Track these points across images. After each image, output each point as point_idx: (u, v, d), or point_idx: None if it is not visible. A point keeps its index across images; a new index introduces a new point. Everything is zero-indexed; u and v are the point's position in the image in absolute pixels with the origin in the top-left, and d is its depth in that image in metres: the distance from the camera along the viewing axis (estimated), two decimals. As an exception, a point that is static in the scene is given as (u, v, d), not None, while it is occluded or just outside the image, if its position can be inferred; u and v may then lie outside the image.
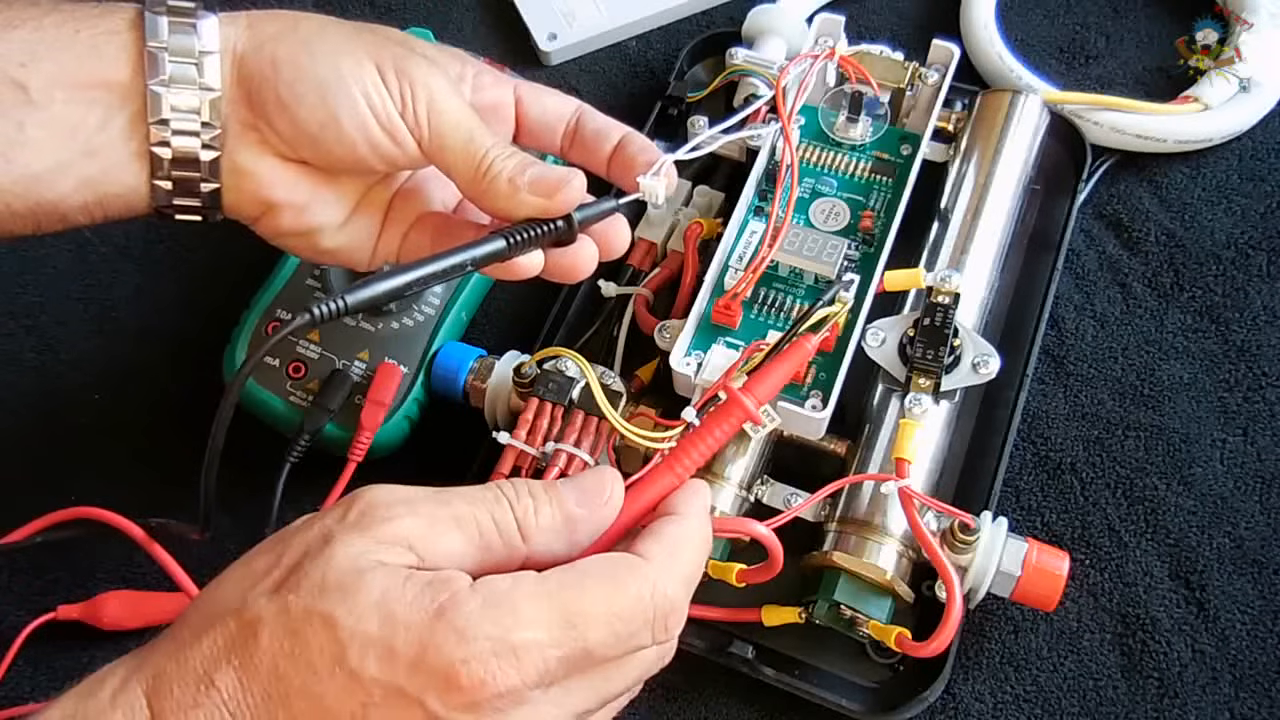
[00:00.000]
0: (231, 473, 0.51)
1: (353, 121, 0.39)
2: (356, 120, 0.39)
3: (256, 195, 0.41)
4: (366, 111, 0.39)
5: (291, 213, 0.42)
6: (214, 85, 0.39)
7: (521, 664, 0.31)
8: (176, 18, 0.39)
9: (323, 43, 0.40)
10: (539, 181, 0.39)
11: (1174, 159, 0.57)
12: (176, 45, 0.38)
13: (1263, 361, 0.52)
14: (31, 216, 0.39)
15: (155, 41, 0.38)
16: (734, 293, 0.47)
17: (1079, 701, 0.46)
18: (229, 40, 0.39)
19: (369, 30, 0.41)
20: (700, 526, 0.37)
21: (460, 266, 0.39)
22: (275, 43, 0.39)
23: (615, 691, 0.35)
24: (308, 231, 0.42)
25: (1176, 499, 0.49)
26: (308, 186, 0.42)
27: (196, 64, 0.39)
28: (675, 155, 0.44)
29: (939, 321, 0.44)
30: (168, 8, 0.39)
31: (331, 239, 0.43)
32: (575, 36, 0.63)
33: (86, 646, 0.48)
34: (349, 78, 0.39)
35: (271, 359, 0.51)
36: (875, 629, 0.43)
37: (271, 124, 0.40)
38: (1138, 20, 0.63)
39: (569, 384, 0.46)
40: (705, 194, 0.54)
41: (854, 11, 0.63)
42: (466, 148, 0.40)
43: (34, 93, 0.37)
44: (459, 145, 0.40)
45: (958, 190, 0.52)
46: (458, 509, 0.34)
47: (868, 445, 0.47)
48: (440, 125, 0.40)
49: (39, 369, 0.56)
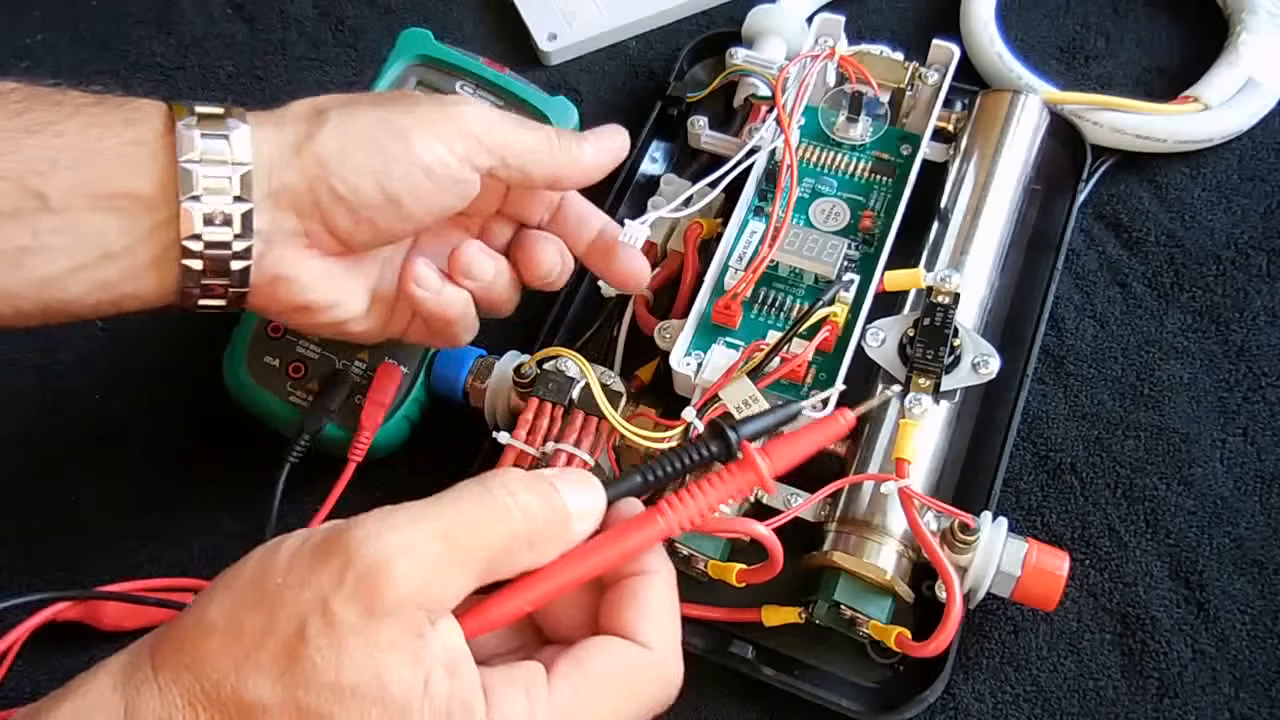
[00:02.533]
0: (232, 473, 0.51)
1: (412, 197, 0.40)
2: (416, 195, 0.40)
3: (293, 299, 0.41)
4: (425, 181, 0.40)
5: (325, 309, 0.42)
6: (248, 197, 0.38)
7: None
8: (208, 130, 0.37)
9: (360, 129, 0.39)
10: (600, 133, 0.45)
11: (1174, 159, 0.57)
12: (209, 159, 0.37)
13: (1263, 361, 0.52)
14: (40, 314, 0.37)
15: (187, 157, 0.37)
16: (734, 293, 0.47)
17: (1079, 701, 0.46)
18: (262, 149, 0.38)
19: (392, 100, 0.42)
20: (671, 575, 0.37)
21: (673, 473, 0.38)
22: (312, 141, 0.39)
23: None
24: (335, 322, 0.43)
25: (1176, 499, 0.49)
26: (343, 281, 0.42)
27: (229, 177, 0.37)
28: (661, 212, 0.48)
29: (939, 321, 0.44)
30: (198, 117, 0.37)
31: (359, 325, 0.44)
32: (575, 36, 0.63)
33: (87, 647, 0.47)
34: (401, 156, 0.39)
35: (271, 359, 0.51)
36: (875, 629, 0.43)
37: (327, 221, 0.39)
38: (1138, 20, 0.63)
39: (569, 384, 0.46)
40: (705, 194, 0.54)
41: (854, 11, 0.63)
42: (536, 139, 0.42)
43: (53, 201, 0.35)
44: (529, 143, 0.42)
45: (958, 190, 0.52)
46: (459, 544, 0.32)
47: (868, 445, 0.47)
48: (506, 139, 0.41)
49: (39, 369, 0.56)
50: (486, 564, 0.33)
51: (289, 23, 0.66)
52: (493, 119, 0.42)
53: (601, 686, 0.34)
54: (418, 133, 0.40)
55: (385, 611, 0.30)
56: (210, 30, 0.66)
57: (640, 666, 0.35)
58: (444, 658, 0.31)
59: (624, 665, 0.34)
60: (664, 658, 0.35)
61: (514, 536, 0.33)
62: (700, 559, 0.44)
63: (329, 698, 0.29)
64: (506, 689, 0.32)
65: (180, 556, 0.50)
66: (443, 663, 0.31)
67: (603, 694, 0.34)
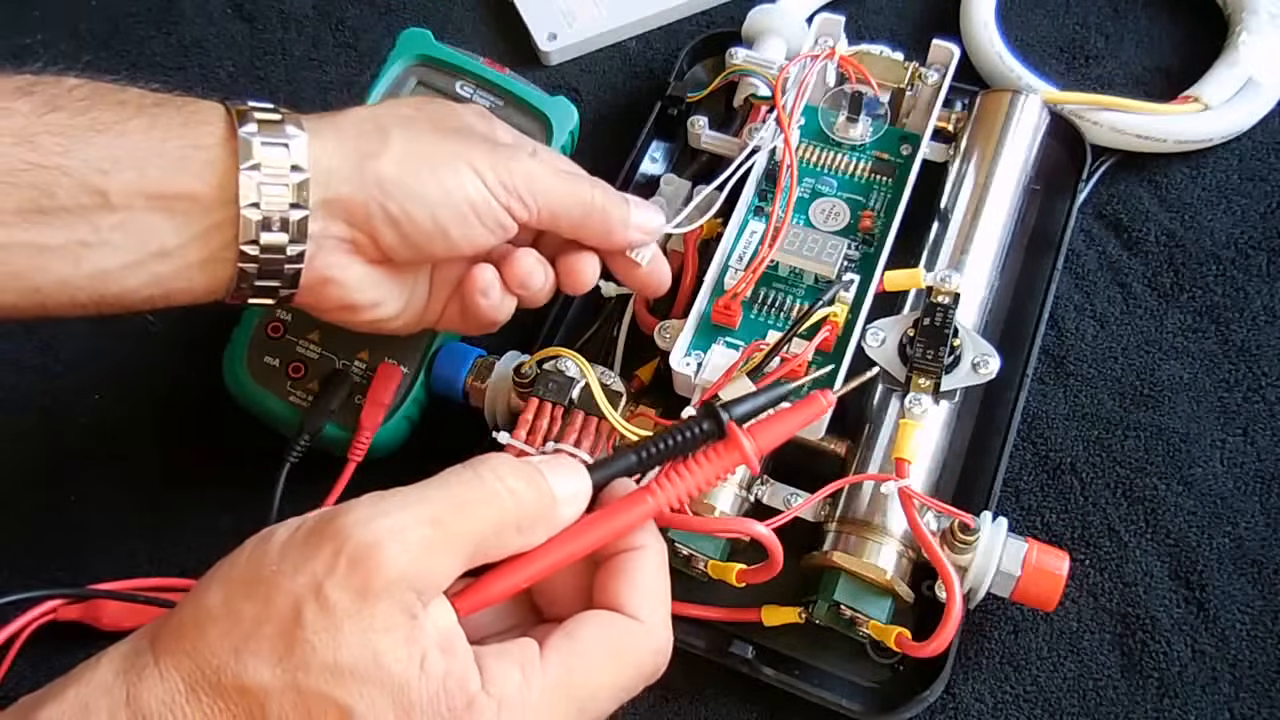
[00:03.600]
0: (232, 473, 0.51)
1: (460, 230, 0.42)
2: (464, 228, 0.42)
3: (339, 300, 0.43)
4: (473, 218, 0.42)
5: (368, 309, 0.44)
6: (305, 204, 0.39)
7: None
8: (268, 136, 0.38)
9: (421, 158, 0.41)
10: (641, 220, 0.46)
11: (1174, 159, 0.57)
12: (269, 167, 0.38)
13: (1263, 361, 0.52)
14: (94, 305, 0.38)
15: (249, 163, 0.38)
16: (734, 293, 0.47)
17: (1079, 701, 0.46)
18: (320, 159, 0.39)
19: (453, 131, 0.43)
20: (661, 549, 0.38)
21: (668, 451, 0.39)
22: (375, 160, 0.40)
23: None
24: (376, 320, 0.44)
25: (1176, 499, 0.49)
26: (386, 284, 0.44)
27: (287, 184, 0.39)
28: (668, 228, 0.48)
29: (939, 321, 0.44)
30: (258, 123, 0.39)
31: (396, 321, 0.45)
32: (575, 36, 0.63)
33: (86, 646, 0.47)
34: (455, 192, 0.41)
35: (271, 359, 0.51)
36: (875, 629, 0.43)
37: (376, 237, 0.41)
38: (1138, 20, 0.63)
39: (569, 384, 0.46)
40: (713, 201, 0.54)
41: (854, 11, 0.63)
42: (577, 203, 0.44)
43: (114, 199, 0.37)
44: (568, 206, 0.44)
45: (958, 190, 0.52)
46: (448, 528, 0.33)
47: (868, 445, 0.47)
48: (549, 199, 0.43)
49: (39, 369, 0.56)
50: (475, 547, 0.33)
51: (289, 23, 0.66)
52: (538, 174, 0.43)
53: (592, 658, 0.35)
54: (469, 173, 0.41)
55: (378, 594, 0.31)
56: (210, 30, 0.66)
57: (630, 638, 0.36)
58: (438, 637, 0.32)
59: (614, 637, 0.35)
60: (653, 629, 0.36)
61: (502, 520, 0.34)
62: (700, 559, 0.44)
63: (328, 679, 0.30)
64: (501, 664, 0.33)
65: (180, 556, 0.50)
66: (437, 642, 0.31)
67: (594, 664, 0.35)
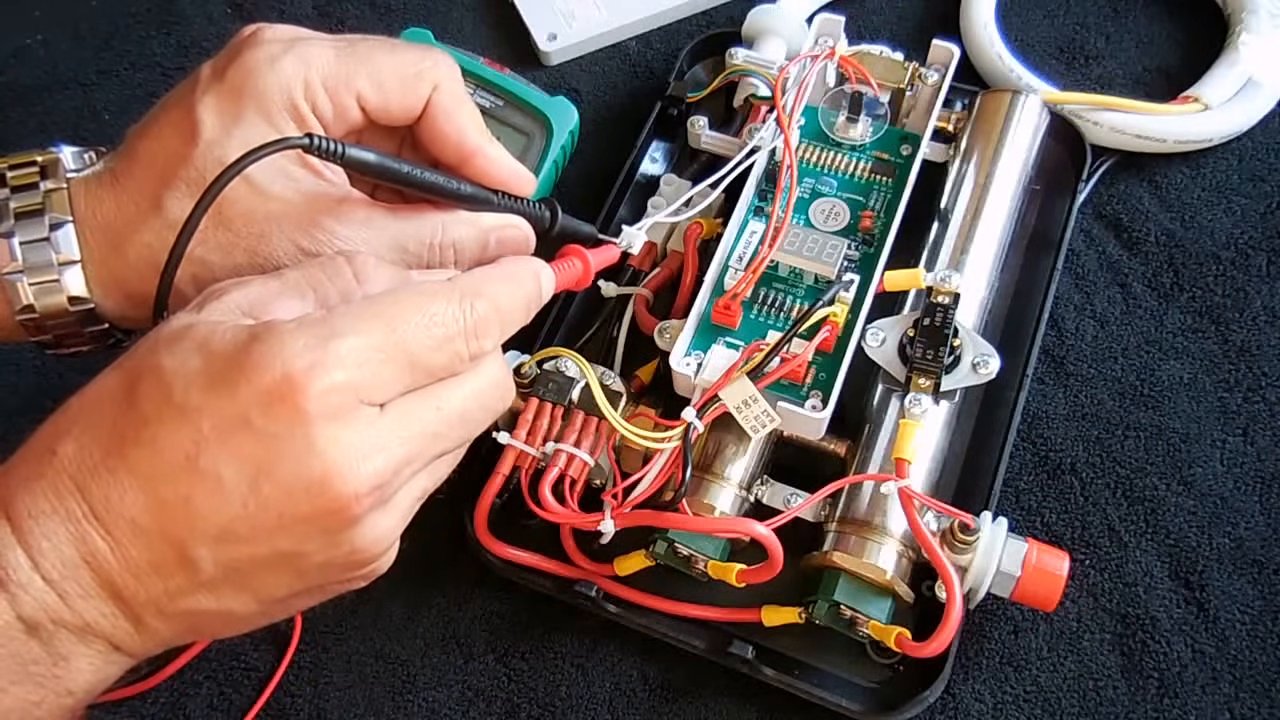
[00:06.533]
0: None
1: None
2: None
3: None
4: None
5: None
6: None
7: (344, 361, 0.31)
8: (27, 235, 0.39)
9: None
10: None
11: (1174, 159, 0.57)
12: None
13: (1263, 361, 0.52)
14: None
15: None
16: (734, 293, 0.47)
17: (1079, 701, 0.46)
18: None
19: None
20: (522, 268, 0.39)
21: (454, 192, 0.41)
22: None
23: (452, 413, 0.35)
24: None
25: (1176, 499, 0.49)
26: None
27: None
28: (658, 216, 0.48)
29: (939, 321, 0.44)
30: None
31: None
32: (575, 36, 0.63)
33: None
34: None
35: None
36: (875, 629, 0.43)
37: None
38: (1138, 20, 0.63)
39: (569, 384, 0.46)
40: (705, 194, 0.54)
41: (854, 11, 0.63)
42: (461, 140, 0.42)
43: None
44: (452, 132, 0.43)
45: (958, 190, 0.52)
46: (288, 276, 0.35)
47: (868, 445, 0.47)
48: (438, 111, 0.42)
49: (39, 370, 0.56)
50: (320, 296, 0.36)
51: (289, 23, 0.66)
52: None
53: (395, 290, 0.35)
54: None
55: (211, 311, 0.34)
56: (210, 30, 0.66)
57: (437, 280, 0.36)
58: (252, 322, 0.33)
59: (421, 280, 0.36)
60: (468, 279, 0.37)
61: None
62: (700, 559, 0.44)
63: (143, 354, 0.33)
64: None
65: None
66: (250, 323, 0.33)
67: (397, 295, 0.35)
